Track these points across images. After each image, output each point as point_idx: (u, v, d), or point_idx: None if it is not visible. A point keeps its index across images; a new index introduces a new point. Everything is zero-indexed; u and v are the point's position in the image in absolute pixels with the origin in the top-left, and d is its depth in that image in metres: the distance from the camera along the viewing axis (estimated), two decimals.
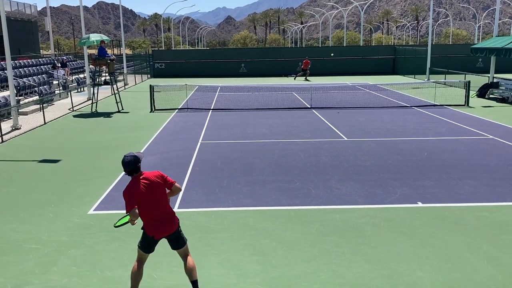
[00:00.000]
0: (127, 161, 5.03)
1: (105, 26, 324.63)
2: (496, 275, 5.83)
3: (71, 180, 10.19)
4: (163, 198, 5.13)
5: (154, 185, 5.06)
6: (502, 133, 14.51)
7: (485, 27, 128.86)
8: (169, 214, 5.21)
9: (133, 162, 5.03)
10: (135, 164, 5.03)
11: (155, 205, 5.07)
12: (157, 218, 5.11)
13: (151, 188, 5.03)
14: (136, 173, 5.06)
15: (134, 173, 5.06)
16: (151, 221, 5.12)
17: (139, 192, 4.98)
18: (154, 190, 5.05)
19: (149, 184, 5.04)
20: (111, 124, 17.54)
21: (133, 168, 5.03)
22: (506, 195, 8.71)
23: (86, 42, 21.00)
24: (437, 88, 24.44)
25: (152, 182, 5.05)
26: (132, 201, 4.96)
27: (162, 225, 5.14)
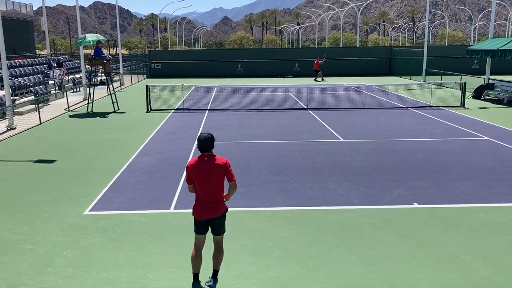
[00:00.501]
0: (204, 138, 5.19)
1: (101, 26, 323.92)
2: (492, 276, 5.83)
3: (67, 181, 10.15)
4: (217, 185, 5.21)
5: (214, 170, 5.15)
6: (498, 134, 14.56)
7: (481, 28, 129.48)
8: (218, 201, 5.29)
9: (209, 139, 5.19)
10: (211, 142, 5.18)
11: (208, 188, 5.19)
12: (205, 201, 5.24)
13: (211, 171, 5.14)
14: (208, 152, 5.20)
15: (207, 151, 5.19)
16: (199, 201, 5.29)
17: (197, 171, 5.16)
18: (213, 174, 5.15)
19: (210, 167, 5.14)
20: (107, 124, 17.49)
21: (208, 146, 5.18)
22: (502, 196, 8.73)
23: (82, 42, 20.93)
24: (433, 89, 24.50)
25: (214, 166, 5.16)
26: (188, 176, 5.24)
27: (208, 209, 5.25)
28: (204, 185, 5.19)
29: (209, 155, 5.21)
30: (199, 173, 5.16)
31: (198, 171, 5.17)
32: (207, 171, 5.14)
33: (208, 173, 5.15)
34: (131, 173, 10.60)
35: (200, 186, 5.21)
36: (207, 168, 5.15)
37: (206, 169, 5.15)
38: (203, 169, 5.15)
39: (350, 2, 71.24)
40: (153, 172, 10.66)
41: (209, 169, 5.14)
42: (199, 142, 5.19)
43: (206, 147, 5.17)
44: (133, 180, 10.00)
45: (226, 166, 5.20)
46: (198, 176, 5.18)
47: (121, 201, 8.67)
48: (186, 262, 6.29)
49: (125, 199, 8.81)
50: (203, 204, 5.27)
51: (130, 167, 11.07)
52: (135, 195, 9.02)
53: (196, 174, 5.19)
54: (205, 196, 5.24)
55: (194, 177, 5.21)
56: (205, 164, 5.16)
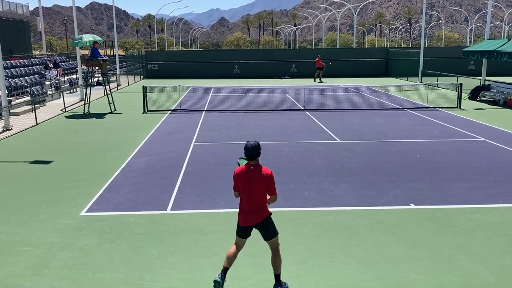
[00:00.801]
0: (252, 146, 5.34)
1: (98, 27, 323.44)
2: (488, 277, 5.85)
3: (63, 181, 10.12)
4: (258, 193, 5.36)
5: (257, 179, 5.32)
6: (494, 135, 14.61)
7: (477, 30, 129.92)
8: (259, 209, 5.42)
9: (256, 147, 5.36)
10: (257, 150, 5.35)
11: (249, 196, 5.37)
12: (247, 208, 5.43)
13: (253, 180, 5.32)
14: (254, 160, 5.37)
15: (253, 159, 5.37)
16: (242, 208, 5.49)
17: (241, 178, 5.38)
18: (255, 183, 5.31)
19: (253, 176, 5.32)
20: (103, 125, 17.45)
21: (255, 154, 5.35)
22: (498, 197, 8.76)
23: (78, 42, 20.90)
24: (430, 91, 24.56)
25: (257, 175, 5.32)
26: (235, 183, 5.49)
27: (250, 215, 5.44)
28: (246, 192, 5.38)
29: (255, 164, 5.38)
30: (243, 181, 5.37)
31: (243, 179, 5.38)
32: (249, 179, 5.33)
33: (250, 182, 5.33)
34: (128, 174, 10.58)
35: (243, 193, 5.42)
36: (249, 177, 5.33)
37: (249, 178, 5.34)
38: (248, 178, 5.35)
39: (346, 3, 71.38)
40: (149, 173, 10.65)
41: (251, 178, 5.32)
42: (246, 150, 5.35)
43: (254, 154, 5.34)
44: (129, 181, 9.99)
45: (268, 178, 5.34)
46: (242, 183, 5.39)
47: (117, 202, 8.65)
48: (184, 263, 6.29)
49: (122, 200, 8.79)
50: (245, 211, 5.46)
51: (126, 168, 11.06)
52: (131, 196, 9.01)
53: (240, 182, 5.41)
54: (247, 203, 5.42)
55: (238, 185, 5.44)
56: (250, 172, 5.35)
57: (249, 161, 5.38)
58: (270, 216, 5.51)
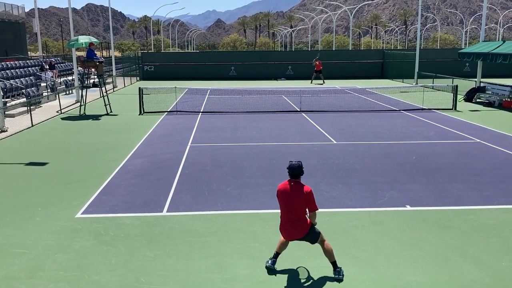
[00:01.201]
0: (295, 166, 5.65)
1: (94, 28, 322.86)
2: (483, 278, 5.87)
3: (59, 183, 10.09)
4: (296, 210, 5.62)
5: (294, 196, 5.60)
6: (489, 137, 14.67)
7: (472, 32, 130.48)
8: (298, 224, 5.69)
9: (298, 167, 5.65)
10: (299, 169, 5.64)
11: (287, 211, 5.67)
12: (285, 223, 5.76)
13: (291, 196, 5.61)
14: (296, 178, 5.66)
15: (295, 177, 5.65)
16: (281, 222, 5.83)
17: (281, 194, 5.71)
18: (292, 199, 5.61)
19: (291, 193, 5.61)
20: (99, 126, 17.42)
21: (298, 173, 5.64)
22: (493, 199, 8.79)
23: (74, 44, 20.86)
24: (425, 92, 24.65)
25: (295, 192, 5.60)
26: (278, 199, 5.79)
27: (288, 231, 5.76)
28: (283, 207, 5.70)
29: (295, 181, 5.66)
30: (281, 197, 5.69)
31: (280, 195, 5.71)
32: (287, 195, 5.63)
33: (287, 198, 5.63)
34: (124, 175, 10.55)
35: (282, 208, 5.75)
36: (288, 193, 5.63)
37: (287, 194, 5.63)
38: (285, 193, 5.65)
39: (342, 5, 71.56)
40: (145, 174, 10.63)
41: (289, 194, 5.61)
42: (291, 169, 5.64)
43: (297, 173, 5.64)
44: (125, 183, 9.96)
45: (307, 195, 5.58)
46: (280, 199, 5.72)
47: (113, 204, 8.63)
48: (180, 265, 6.28)
49: (118, 202, 8.77)
50: (284, 226, 5.78)
51: (122, 170, 11.03)
52: (127, 198, 8.99)
53: (279, 198, 5.73)
54: (284, 218, 5.75)
55: (279, 200, 5.75)
56: (288, 189, 5.65)
57: (293, 178, 5.67)
58: (312, 228, 5.78)
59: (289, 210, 5.63)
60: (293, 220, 5.66)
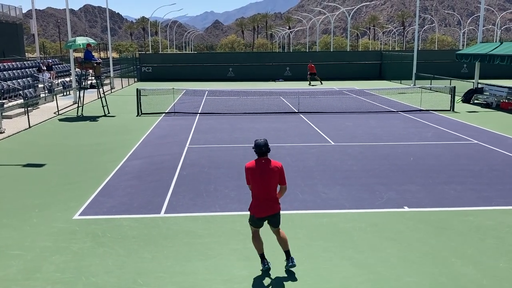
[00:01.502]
0: (261, 143, 5.72)
1: (92, 29, 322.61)
2: (481, 279, 5.87)
3: (56, 185, 10.07)
4: (270, 185, 5.74)
5: (268, 171, 5.69)
6: (487, 138, 14.70)
7: (470, 33, 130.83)
8: (272, 200, 5.80)
9: (265, 144, 5.72)
10: (266, 147, 5.71)
11: (262, 188, 5.72)
12: (260, 200, 5.77)
13: (265, 173, 5.68)
14: (264, 156, 5.73)
15: (263, 155, 5.73)
16: (255, 200, 5.81)
17: (253, 172, 5.71)
18: (267, 175, 5.68)
19: (264, 169, 5.69)
20: (97, 128, 17.39)
21: (264, 150, 5.71)
22: (490, 200, 8.80)
23: (72, 45, 20.83)
24: (423, 93, 24.68)
25: (268, 168, 5.69)
26: (247, 177, 5.80)
27: (263, 207, 5.79)
28: (258, 185, 5.73)
29: (265, 158, 5.75)
30: (254, 175, 5.71)
31: (253, 173, 5.72)
32: (261, 172, 5.68)
33: (262, 174, 5.68)
34: (121, 177, 10.54)
35: (255, 186, 5.75)
36: (261, 170, 5.69)
37: (260, 171, 5.69)
38: (258, 171, 5.69)
39: (340, 6, 71.67)
40: (143, 176, 10.61)
41: (263, 171, 5.68)
42: (257, 147, 5.70)
43: (263, 151, 5.71)
44: (123, 184, 9.95)
45: (279, 170, 5.76)
46: (253, 177, 5.72)
47: (111, 206, 8.61)
48: (178, 267, 6.26)
49: (115, 203, 8.75)
50: (258, 203, 5.79)
51: (120, 171, 11.01)
52: (125, 199, 8.97)
53: (252, 176, 5.73)
54: (259, 195, 5.77)
55: (250, 178, 5.75)
56: (260, 166, 5.71)
57: (260, 156, 5.73)
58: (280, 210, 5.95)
59: (265, 187, 5.71)
60: (269, 198, 5.77)
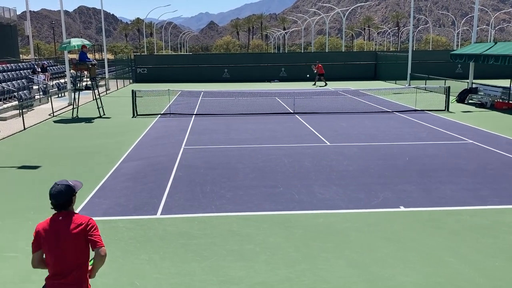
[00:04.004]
0: (55, 192, 3.84)
1: (87, 31, 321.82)
2: (477, 279, 5.90)
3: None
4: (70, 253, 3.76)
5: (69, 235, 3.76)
6: (481, 137, 14.76)
7: (464, 33, 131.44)
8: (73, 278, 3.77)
9: (64, 193, 3.84)
10: (66, 196, 3.83)
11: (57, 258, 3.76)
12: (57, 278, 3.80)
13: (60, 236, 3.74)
14: (64, 210, 3.85)
15: (61, 208, 3.85)
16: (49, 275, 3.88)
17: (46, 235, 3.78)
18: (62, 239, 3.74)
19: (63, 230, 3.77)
20: (92, 129, 17.34)
21: (62, 202, 3.82)
22: (486, 199, 8.85)
23: (67, 46, 20.76)
24: (418, 94, 24.77)
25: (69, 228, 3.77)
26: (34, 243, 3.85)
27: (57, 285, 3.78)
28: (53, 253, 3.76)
29: (65, 213, 3.84)
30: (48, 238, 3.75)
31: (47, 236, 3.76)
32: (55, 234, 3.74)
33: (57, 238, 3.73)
34: (117, 178, 10.51)
35: (48, 256, 3.79)
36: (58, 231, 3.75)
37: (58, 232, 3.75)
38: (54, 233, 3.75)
39: (335, 7, 71.81)
40: (139, 177, 10.59)
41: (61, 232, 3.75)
42: (50, 197, 3.84)
43: (60, 203, 3.82)
44: (119, 186, 9.92)
45: (86, 227, 3.80)
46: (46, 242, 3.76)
47: (107, 207, 8.59)
48: (174, 268, 6.25)
49: (111, 205, 8.73)
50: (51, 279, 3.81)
51: (116, 173, 10.99)
52: (121, 200, 8.95)
53: (44, 240, 3.77)
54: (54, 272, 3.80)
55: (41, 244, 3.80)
56: (57, 226, 3.77)
57: (57, 210, 3.85)
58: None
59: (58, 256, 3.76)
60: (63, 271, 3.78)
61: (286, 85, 35.35)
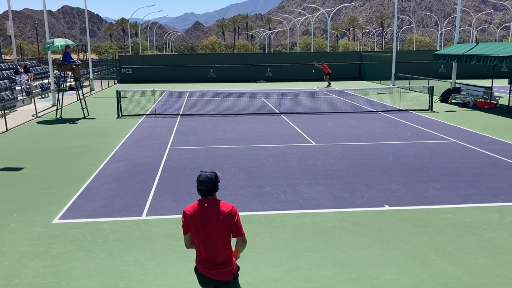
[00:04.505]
0: (204, 178, 4.04)
1: (71, 31, 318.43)
2: (461, 276, 5.98)
3: (35, 189, 9.90)
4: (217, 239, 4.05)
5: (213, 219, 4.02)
6: (464, 136, 14.97)
7: (447, 34, 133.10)
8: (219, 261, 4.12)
9: (213, 180, 4.05)
10: (212, 183, 4.05)
11: (205, 243, 4.08)
12: (202, 259, 4.15)
13: (207, 220, 4.02)
14: (210, 196, 4.09)
15: (208, 194, 4.07)
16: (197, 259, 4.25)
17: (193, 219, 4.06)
18: (210, 225, 4.02)
19: (207, 216, 4.03)
20: (76, 130, 17.16)
21: (210, 188, 4.05)
22: (469, 197, 8.97)
23: (50, 47, 20.51)
24: (402, 94, 25.02)
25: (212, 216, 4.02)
26: (184, 226, 4.15)
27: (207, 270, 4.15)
28: (200, 238, 4.07)
29: (211, 199, 4.10)
30: (194, 221, 4.05)
31: (194, 220, 4.05)
32: (202, 219, 4.03)
33: (205, 223, 4.02)
34: (102, 180, 10.42)
35: (197, 239, 4.11)
36: (205, 216, 4.03)
37: (204, 217, 4.03)
38: (201, 218, 4.03)
39: (320, 8, 72.15)
40: (124, 178, 10.51)
41: (205, 218, 4.03)
42: (199, 183, 4.05)
43: (208, 189, 4.05)
44: (104, 187, 9.84)
45: (230, 216, 4.04)
46: (195, 226, 4.05)
47: (91, 209, 8.51)
48: (159, 269, 6.22)
49: (96, 206, 8.65)
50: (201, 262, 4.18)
51: (100, 174, 10.89)
52: (106, 202, 8.87)
53: (192, 223, 4.06)
54: (201, 252, 4.15)
55: (190, 227, 4.11)
56: (204, 211, 4.05)
57: (204, 196, 4.08)
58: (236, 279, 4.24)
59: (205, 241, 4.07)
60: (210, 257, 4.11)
61: (272, 85, 35.42)
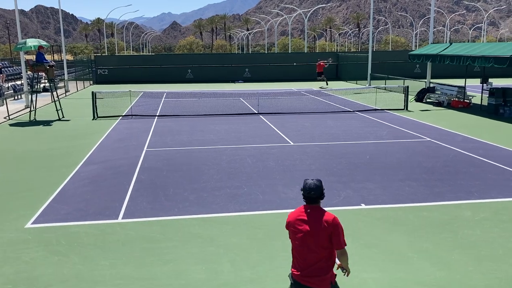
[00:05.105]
0: (313, 186, 4.02)
1: (45, 31, 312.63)
2: (436, 272, 6.05)
3: (6, 193, 9.65)
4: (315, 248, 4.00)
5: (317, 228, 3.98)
6: (439, 135, 15.22)
7: (422, 34, 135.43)
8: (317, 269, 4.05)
9: (319, 187, 4.03)
10: (320, 190, 4.04)
11: (303, 252, 4.05)
12: (302, 267, 4.08)
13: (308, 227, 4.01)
14: (316, 203, 4.08)
15: (315, 201, 4.07)
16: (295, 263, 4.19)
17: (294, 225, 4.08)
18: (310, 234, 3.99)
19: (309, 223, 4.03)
20: (51, 132, 16.81)
21: (317, 195, 4.03)
22: (443, 195, 9.10)
23: (22, 47, 20.06)
24: (378, 93, 25.31)
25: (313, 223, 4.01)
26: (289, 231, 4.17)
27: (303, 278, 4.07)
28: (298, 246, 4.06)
29: (314, 206, 4.08)
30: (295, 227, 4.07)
31: (295, 225, 4.06)
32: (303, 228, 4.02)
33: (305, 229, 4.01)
34: (77, 183, 10.22)
35: (295, 247, 4.11)
36: (307, 222, 4.02)
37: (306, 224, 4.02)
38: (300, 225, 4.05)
39: (297, 8, 72.47)
40: (100, 181, 10.33)
41: (309, 225, 4.00)
42: (305, 190, 4.05)
43: (315, 196, 4.04)
44: (79, 190, 9.65)
45: (333, 226, 4.01)
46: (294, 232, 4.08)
47: (66, 213, 8.33)
48: (135, 273, 6.13)
49: (71, 210, 8.48)
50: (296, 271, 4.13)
51: (75, 177, 10.68)
52: (81, 205, 8.71)
53: (292, 230, 4.10)
54: (300, 262, 4.09)
55: (290, 233, 4.15)
56: (306, 217, 4.05)
57: (309, 203, 4.09)
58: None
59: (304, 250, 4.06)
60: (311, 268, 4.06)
61: (250, 86, 35.41)
